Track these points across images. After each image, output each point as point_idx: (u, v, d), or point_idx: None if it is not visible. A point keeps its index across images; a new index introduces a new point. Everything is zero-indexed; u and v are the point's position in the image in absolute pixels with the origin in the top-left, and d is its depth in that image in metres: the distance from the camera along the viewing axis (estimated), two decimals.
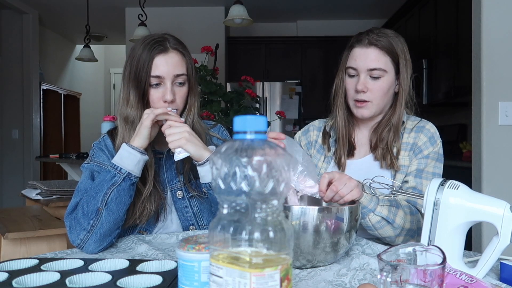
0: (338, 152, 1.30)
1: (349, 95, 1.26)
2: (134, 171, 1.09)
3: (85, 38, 4.96)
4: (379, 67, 1.20)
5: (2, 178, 5.56)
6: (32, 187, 2.93)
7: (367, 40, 1.21)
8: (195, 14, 5.60)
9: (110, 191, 1.06)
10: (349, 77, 1.25)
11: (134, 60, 1.15)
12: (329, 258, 0.89)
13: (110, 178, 1.07)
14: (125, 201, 1.09)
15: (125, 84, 1.17)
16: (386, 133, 1.25)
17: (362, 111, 1.24)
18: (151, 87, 1.15)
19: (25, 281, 0.76)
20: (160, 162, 1.25)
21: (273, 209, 0.51)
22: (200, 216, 1.26)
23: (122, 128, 1.18)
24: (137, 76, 1.14)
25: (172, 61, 1.15)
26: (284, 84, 5.40)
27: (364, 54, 1.21)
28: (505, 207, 0.79)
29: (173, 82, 1.16)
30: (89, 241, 1.05)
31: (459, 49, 3.41)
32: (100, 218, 1.05)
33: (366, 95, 1.22)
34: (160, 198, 1.21)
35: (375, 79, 1.21)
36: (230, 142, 0.52)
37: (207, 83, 3.09)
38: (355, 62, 1.22)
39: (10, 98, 5.56)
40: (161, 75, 1.14)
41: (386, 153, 1.24)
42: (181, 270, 0.68)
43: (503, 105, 2.52)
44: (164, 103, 1.16)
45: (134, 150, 1.09)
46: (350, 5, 5.51)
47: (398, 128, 1.25)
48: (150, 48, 1.14)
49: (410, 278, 0.58)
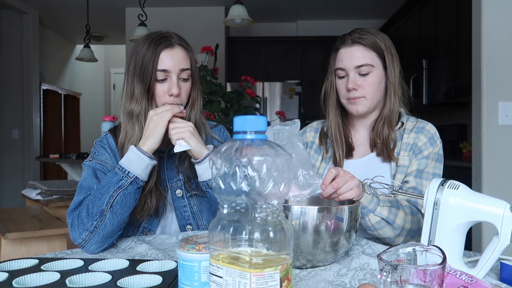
0: (334, 153, 1.31)
1: (341, 95, 1.28)
2: (142, 175, 1.09)
3: (85, 38, 4.96)
4: (366, 63, 1.23)
5: (2, 178, 5.56)
6: (32, 187, 2.93)
7: (350, 40, 1.25)
8: (195, 14, 5.60)
9: (116, 194, 1.06)
10: (339, 79, 1.28)
11: (139, 55, 1.16)
12: (329, 258, 0.90)
13: (117, 180, 1.07)
14: (130, 204, 1.09)
15: (129, 79, 1.18)
16: (381, 127, 1.27)
17: (357, 107, 1.25)
18: (157, 82, 1.16)
19: (25, 281, 0.76)
20: (161, 161, 1.25)
21: (273, 209, 0.51)
22: (199, 216, 1.26)
23: (125, 123, 1.18)
24: (143, 71, 1.15)
25: (177, 56, 1.17)
26: (284, 84, 5.40)
27: (349, 53, 1.24)
28: (505, 207, 0.79)
29: (178, 77, 1.17)
30: (91, 241, 1.05)
31: (459, 49, 3.41)
32: (104, 220, 1.05)
33: (358, 92, 1.24)
34: (161, 195, 1.21)
35: (364, 76, 1.24)
36: (230, 142, 0.52)
37: (207, 83, 3.09)
38: (342, 62, 1.25)
39: (10, 98, 5.56)
40: (168, 69, 1.15)
41: (383, 146, 1.26)
42: (181, 270, 0.68)
43: (503, 105, 2.52)
44: (170, 97, 1.16)
45: (143, 154, 1.09)
46: (350, 5, 5.51)
47: (391, 120, 1.26)
48: (156, 43, 1.15)
49: (410, 278, 0.58)
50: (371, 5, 5.47)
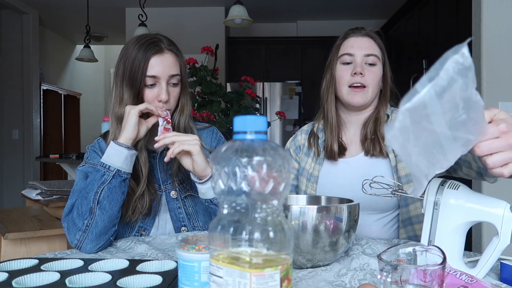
0: (329, 142, 1.30)
1: (343, 82, 1.27)
2: (123, 167, 1.09)
3: (85, 38, 4.96)
4: (374, 53, 1.26)
5: (2, 178, 5.56)
6: (32, 187, 2.93)
7: (361, 32, 1.29)
8: (195, 14, 5.60)
9: (100, 190, 1.06)
10: (343, 65, 1.28)
11: (128, 60, 1.16)
12: (328, 258, 0.90)
13: (99, 176, 1.07)
14: (117, 198, 1.08)
15: (118, 83, 1.18)
16: (372, 124, 1.29)
17: (358, 97, 1.25)
18: (146, 87, 1.16)
19: (25, 281, 0.76)
20: (154, 161, 1.25)
21: (273, 209, 0.51)
22: (195, 217, 1.26)
23: (114, 127, 1.18)
24: (132, 76, 1.15)
25: (167, 62, 1.17)
26: (284, 84, 5.40)
27: (360, 41, 1.27)
28: (505, 207, 0.79)
29: (167, 82, 1.17)
30: (86, 241, 1.05)
31: None
32: (94, 217, 1.05)
33: (363, 78, 1.24)
34: (154, 194, 1.21)
35: (370, 65, 1.26)
36: (230, 142, 0.52)
37: (207, 83, 3.09)
38: (352, 48, 1.27)
39: (10, 98, 5.56)
40: (157, 75, 1.15)
41: (375, 141, 1.26)
42: (181, 270, 0.68)
43: (503, 105, 2.52)
44: (159, 103, 1.17)
45: (120, 146, 1.09)
46: (350, 5, 5.51)
47: (383, 120, 1.28)
48: (146, 48, 1.15)
49: (410, 278, 0.58)
50: (371, 5, 5.47)
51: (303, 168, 1.37)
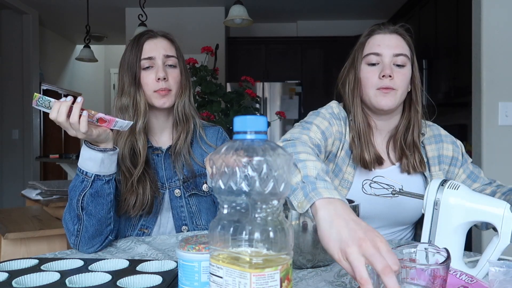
0: (359, 150, 1.14)
1: (370, 84, 1.13)
2: (102, 171, 1.03)
3: (85, 38, 4.95)
4: (404, 53, 1.13)
5: (2, 178, 5.56)
6: (32, 187, 2.93)
7: (389, 29, 1.15)
8: (195, 14, 5.59)
9: (81, 197, 1.03)
10: (369, 66, 1.14)
11: (126, 53, 1.21)
12: (328, 258, 0.89)
13: (79, 183, 1.03)
14: (102, 201, 1.05)
15: (119, 78, 1.22)
16: (403, 134, 1.17)
17: (387, 99, 1.11)
18: (142, 70, 1.19)
19: (25, 281, 0.76)
20: (157, 159, 1.25)
21: (273, 209, 0.51)
22: (198, 215, 1.26)
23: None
24: (129, 63, 1.19)
25: (161, 44, 1.21)
26: (284, 84, 5.40)
27: (388, 40, 1.13)
28: (505, 207, 0.79)
29: (164, 63, 1.20)
30: (81, 244, 1.05)
31: (459, 49, 3.41)
32: (83, 223, 1.05)
33: (392, 81, 1.10)
34: (156, 191, 1.20)
35: (399, 66, 1.12)
36: (230, 142, 0.52)
37: (207, 83, 3.09)
38: (379, 47, 1.13)
39: (10, 98, 5.55)
40: (152, 56, 1.19)
41: (415, 156, 1.15)
42: (181, 270, 0.68)
43: (503, 105, 2.52)
44: (158, 82, 1.18)
45: (92, 150, 1.01)
46: (350, 5, 5.51)
47: (416, 129, 1.17)
48: (140, 36, 1.21)
49: (411, 278, 0.58)
50: (371, 5, 5.47)
51: (340, 168, 1.17)
